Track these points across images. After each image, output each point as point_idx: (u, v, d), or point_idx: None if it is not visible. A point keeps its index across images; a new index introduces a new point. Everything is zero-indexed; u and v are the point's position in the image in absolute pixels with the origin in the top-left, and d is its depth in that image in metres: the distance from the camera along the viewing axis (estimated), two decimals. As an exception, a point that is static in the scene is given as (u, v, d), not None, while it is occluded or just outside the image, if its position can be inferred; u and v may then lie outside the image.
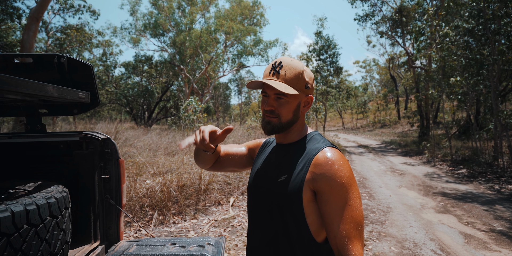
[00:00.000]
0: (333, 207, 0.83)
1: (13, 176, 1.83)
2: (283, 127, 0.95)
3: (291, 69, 0.92)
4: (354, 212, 0.82)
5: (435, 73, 12.03)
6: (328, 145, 0.92)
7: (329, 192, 0.84)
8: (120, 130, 9.10)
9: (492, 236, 3.69)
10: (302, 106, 0.97)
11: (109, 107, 28.42)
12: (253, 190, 1.02)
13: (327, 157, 0.87)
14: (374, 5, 17.84)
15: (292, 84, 0.92)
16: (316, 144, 0.94)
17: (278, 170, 0.95)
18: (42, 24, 17.63)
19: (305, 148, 0.95)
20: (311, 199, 0.87)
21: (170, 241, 1.62)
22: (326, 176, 0.84)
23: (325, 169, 0.85)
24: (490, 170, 7.54)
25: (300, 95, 0.94)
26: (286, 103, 0.93)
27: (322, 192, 0.85)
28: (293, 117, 0.95)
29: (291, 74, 0.92)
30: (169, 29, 23.59)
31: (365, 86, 50.59)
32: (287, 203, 0.89)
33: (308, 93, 0.96)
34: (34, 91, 1.20)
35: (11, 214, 1.11)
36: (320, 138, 0.98)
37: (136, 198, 4.24)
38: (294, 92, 0.89)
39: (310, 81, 0.96)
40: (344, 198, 0.83)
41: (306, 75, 0.94)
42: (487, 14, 7.62)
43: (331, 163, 0.85)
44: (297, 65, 0.93)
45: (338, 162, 0.86)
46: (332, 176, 0.84)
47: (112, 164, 1.82)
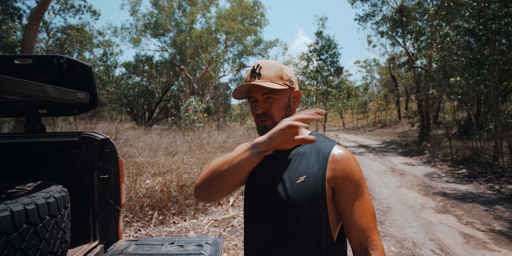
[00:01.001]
0: (354, 201, 0.85)
1: (12, 176, 1.85)
2: None
3: (270, 67, 0.93)
4: (370, 204, 0.86)
5: (435, 73, 12.03)
6: (336, 143, 0.94)
7: (350, 187, 0.85)
8: (120, 130, 9.12)
9: (491, 236, 3.69)
10: (292, 102, 0.97)
11: (109, 107, 28.47)
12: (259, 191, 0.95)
13: (343, 154, 0.89)
14: (374, 5, 17.84)
15: (276, 81, 0.92)
16: (323, 143, 0.94)
17: (292, 171, 0.91)
18: (42, 24, 17.67)
19: (313, 147, 0.93)
20: (331, 197, 0.88)
21: (168, 241, 1.63)
22: (346, 172, 0.86)
23: (344, 165, 0.87)
24: (490, 170, 7.54)
25: (287, 90, 0.95)
26: (276, 101, 0.93)
27: (342, 188, 0.86)
28: (286, 114, 0.94)
29: (273, 71, 0.93)
30: (169, 29, 23.62)
31: (366, 86, 50.55)
32: (309, 204, 0.86)
33: (294, 87, 0.97)
34: (34, 92, 1.21)
35: (11, 214, 1.12)
36: (321, 136, 0.99)
37: (136, 198, 4.25)
38: (281, 87, 0.91)
39: (292, 75, 0.97)
40: (361, 191, 0.86)
41: (286, 70, 0.95)
42: (488, 14, 7.61)
43: (348, 159, 0.88)
44: (275, 63, 0.95)
45: (353, 158, 0.89)
46: (351, 171, 0.86)
47: (111, 164, 1.83)
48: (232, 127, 15.17)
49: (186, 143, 8.42)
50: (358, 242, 0.84)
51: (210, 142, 8.83)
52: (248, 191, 1.00)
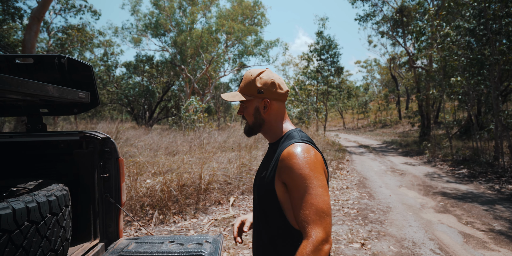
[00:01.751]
0: (295, 195, 0.92)
1: (14, 174, 1.86)
2: (252, 129, 1.10)
3: (244, 80, 1.08)
4: (314, 199, 0.89)
5: (436, 73, 12.02)
6: (298, 141, 0.99)
7: (291, 182, 0.93)
8: (121, 130, 9.14)
9: (491, 236, 3.70)
10: (262, 109, 1.07)
11: (110, 107, 28.49)
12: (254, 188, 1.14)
13: (289, 152, 0.95)
14: (375, 5, 17.83)
15: (243, 92, 1.07)
16: (288, 141, 1.02)
17: (263, 168, 1.08)
18: (43, 24, 17.70)
19: (280, 146, 1.04)
20: (284, 190, 0.97)
21: (168, 239, 1.64)
22: (287, 168, 0.94)
23: (286, 162, 0.95)
24: (491, 170, 7.54)
25: (253, 100, 1.07)
26: (246, 109, 1.09)
27: (286, 182, 0.95)
28: (256, 120, 1.08)
29: (243, 83, 1.08)
30: (170, 29, 23.64)
31: (366, 86, 50.51)
32: (265, 195, 1.02)
33: (264, 97, 1.06)
34: (35, 91, 1.22)
35: (12, 211, 1.13)
36: (296, 134, 1.05)
37: (136, 197, 4.26)
38: (239, 98, 1.06)
39: (265, 86, 1.05)
40: (304, 187, 0.90)
41: (259, 81, 1.05)
42: (488, 14, 7.61)
43: (291, 157, 0.94)
44: (251, 74, 1.07)
45: (298, 155, 0.94)
46: (292, 168, 0.92)
47: (111, 163, 1.84)
48: (232, 127, 15.19)
49: (186, 142, 8.43)
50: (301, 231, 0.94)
51: (210, 142, 8.84)
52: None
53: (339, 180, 7.29)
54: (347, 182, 6.99)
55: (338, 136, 18.36)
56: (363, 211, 4.78)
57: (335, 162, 9.74)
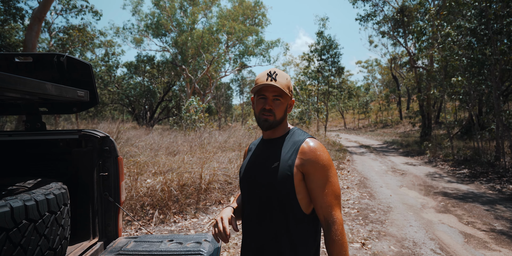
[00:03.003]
0: (318, 184, 1.07)
1: (13, 173, 1.86)
2: (276, 123, 1.17)
3: (283, 77, 1.15)
4: (333, 186, 1.07)
5: (437, 73, 12.00)
6: (309, 136, 1.16)
7: (314, 173, 1.07)
8: (122, 130, 9.14)
9: (492, 236, 3.68)
10: (289, 107, 1.21)
11: (111, 107, 28.52)
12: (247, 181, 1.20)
13: (310, 146, 1.11)
14: (375, 5, 17.81)
15: (285, 88, 1.14)
16: (299, 137, 1.16)
17: (270, 160, 1.15)
18: (44, 25, 17.73)
19: (290, 140, 1.17)
20: (300, 179, 1.09)
21: (167, 238, 1.64)
22: (311, 160, 1.08)
23: (310, 155, 1.08)
24: (492, 170, 7.52)
25: (289, 97, 1.19)
26: (281, 104, 1.16)
27: (309, 173, 1.08)
28: (283, 116, 1.18)
29: (284, 80, 1.15)
30: (171, 29, 23.66)
31: (367, 86, 50.46)
32: (281, 184, 1.09)
33: (292, 97, 1.21)
34: (33, 89, 1.22)
35: (10, 209, 1.13)
36: (301, 131, 1.21)
37: (137, 197, 4.26)
38: (288, 94, 1.15)
39: (292, 89, 1.20)
40: (326, 176, 1.07)
41: (290, 83, 1.18)
42: (489, 13, 7.59)
43: (314, 150, 1.09)
44: (286, 75, 1.18)
45: (319, 149, 1.10)
46: (316, 160, 1.07)
47: (111, 161, 1.83)
48: (233, 127, 15.18)
49: (187, 142, 8.43)
50: (322, 216, 1.07)
51: (211, 142, 8.84)
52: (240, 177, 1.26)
53: (339, 180, 7.28)
54: (348, 182, 6.98)
55: (339, 136, 18.33)
56: (363, 211, 4.76)
57: (336, 162, 9.72)
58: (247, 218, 1.21)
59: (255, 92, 1.18)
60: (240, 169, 1.29)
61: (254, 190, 1.17)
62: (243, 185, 1.23)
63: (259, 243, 1.15)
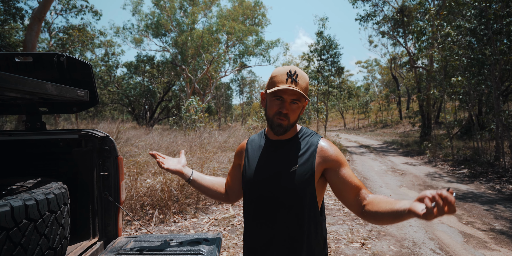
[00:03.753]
0: (348, 173, 1.11)
1: (13, 173, 1.86)
2: (290, 127, 1.13)
3: (304, 78, 1.10)
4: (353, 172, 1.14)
5: (437, 73, 12.01)
6: (321, 137, 1.19)
7: (340, 165, 1.12)
8: (122, 130, 9.14)
9: (491, 236, 3.69)
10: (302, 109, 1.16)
11: (111, 107, 28.52)
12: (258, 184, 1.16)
13: (327, 144, 1.15)
14: (375, 5, 17.82)
15: (304, 91, 1.10)
16: (312, 137, 1.18)
17: (286, 162, 1.14)
18: (44, 25, 17.73)
19: (304, 141, 1.17)
20: (320, 178, 1.13)
21: (167, 237, 1.64)
22: (333, 157, 1.12)
23: (330, 152, 1.13)
24: (492, 170, 7.52)
25: (304, 100, 1.12)
26: (298, 108, 1.12)
27: (334, 167, 1.12)
28: (298, 119, 1.16)
29: (304, 83, 1.10)
30: (171, 29, 23.66)
31: (367, 86, 50.47)
32: (302, 186, 1.10)
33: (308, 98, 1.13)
34: (33, 89, 1.22)
35: (11, 209, 1.13)
36: (310, 131, 1.22)
37: (136, 197, 4.26)
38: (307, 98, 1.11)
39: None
40: (347, 166, 1.13)
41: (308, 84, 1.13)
42: (489, 13, 7.60)
43: (332, 148, 1.14)
44: (306, 76, 1.12)
45: (334, 146, 1.16)
46: (337, 154, 1.13)
47: (110, 161, 1.84)
48: (233, 127, 15.19)
49: (187, 142, 8.43)
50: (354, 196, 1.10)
51: (211, 142, 8.84)
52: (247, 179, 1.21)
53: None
54: (348, 182, 6.98)
55: (338, 136, 18.33)
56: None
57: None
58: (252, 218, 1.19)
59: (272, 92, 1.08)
60: (243, 170, 1.24)
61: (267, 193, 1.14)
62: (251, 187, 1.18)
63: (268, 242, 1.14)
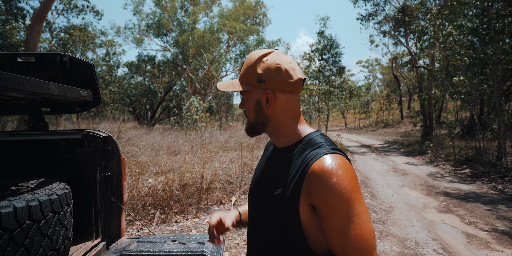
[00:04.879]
0: (332, 225, 0.69)
1: (16, 173, 1.86)
2: (254, 128, 0.86)
3: (245, 64, 0.83)
4: (358, 230, 0.67)
5: (438, 73, 11.97)
6: (329, 152, 0.75)
7: (327, 209, 0.69)
8: (123, 129, 9.15)
9: (494, 236, 3.67)
10: (265, 103, 0.81)
11: (112, 107, 28.56)
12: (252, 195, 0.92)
13: (323, 168, 0.71)
14: (377, 5, 17.78)
15: (243, 80, 0.82)
16: (314, 150, 0.77)
17: (274, 180, 0.82)
18: (46, 24, 17.75)
19: (301, 155, 0.78)
20: (310, 214, 0.73)
21: (170, 238, 1.64)
22: (322, 190, 0.69)
23: (320, 182, 0.70)
24: (494, 170, 7.50)
25: (253, 91, 0.82)
26: (246, 103, 0.84)
27: (319, 208, 0.71)
28: (257, 117, 0.84)
29: (243, 69, 0.83)
30: (172, 29, 23.66)
31: (368, 85, 50.42)
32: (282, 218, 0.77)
33: (265, 87, 0.79)
34: (36, 89, 1.21)
35: (14, 210, 1.12)
36: (320, 140, 0.80)
37: (138, 197, 4.26)
38: (236, 89, 0.82)
39: (267, 73, 0.78)
40: (345, 214, 0.68)
41: (260, 67, 0.79)
42: (491, 13, 7.57)
43: (328, 175, 0.69)
44: (252, 57, 0.81)
45: (337, 173, 0.69)
46: (329, 190, 0.68)
47: (113, 161, 1.83)
48: (234, 127, 15.19)
49: (188, 142, 8.43)
50: None
51: (212, 141, 8.84)
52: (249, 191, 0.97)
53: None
54: (349, 182, 6.96)
55: (340, 136, 18.33)
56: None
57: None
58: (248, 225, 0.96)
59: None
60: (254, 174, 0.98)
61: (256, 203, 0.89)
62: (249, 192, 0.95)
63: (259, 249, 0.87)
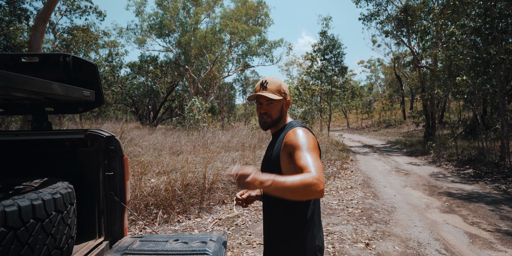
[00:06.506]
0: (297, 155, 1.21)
1: (20, 172, 1.87)
2: (274, 123, 1.44)
3: (273, 84, 1.41)
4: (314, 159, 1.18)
5: (441, 73, 11.93)
6: (299, 125, 1.36)
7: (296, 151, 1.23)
8: (125, 130, 9.18)
9: (497, 236, 3.66)
10: (285, 107, 1.44)
11: (114, 107, 28.66)
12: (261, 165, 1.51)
13: (293, 131, 1.31)
14: (379, 5, 17.73)
15: (275, 93, 1.40)
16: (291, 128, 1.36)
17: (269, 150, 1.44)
18: (49, 25, 17.84)
19: (283, 132, 1.39)
20: (287, 161, 1.30)
21: (173, 237, 1.64)
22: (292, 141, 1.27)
23: (291, 138, 1.29)
24: (497, 170, 7.46)
25: (281, 99, 1.41)
26: (275, 106, 1.41)
27: (292, 152, 1.24)
28: (280, 115, 1.43)
29: (273, 87, 1.40)
30: (174, 29, 23.72)
31: (370, 86, 50.28)
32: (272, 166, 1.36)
33: (286, 97, 1.43)
34: (40, 89, 1.22)
35: (18, 209, 1.14)
36: (295, 123, 1.40)
37: (141, 196, 4.28)
38: (278, 97, 1.38)
39: (286, 90, 1.44)
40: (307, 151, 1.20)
41: (283, 86, 1.42)
42: (494, 12, 7.53)
43: (295, 134, 1.29)
44: (276, 81, 1.43)
45: (299, 133, 1.29)
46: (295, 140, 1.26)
47: (116, 161, 1.84)
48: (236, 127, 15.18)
49: (190, 142, 8.45)
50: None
51: (214, 141, 8.85)
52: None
53: (343, 180, 7.26)
54: (352, 182, 6.96)
55: (342, 136, 18.27)
56: (367, 211, 4.75)
57: (339, 162, 9.69)
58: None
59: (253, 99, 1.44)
60: None
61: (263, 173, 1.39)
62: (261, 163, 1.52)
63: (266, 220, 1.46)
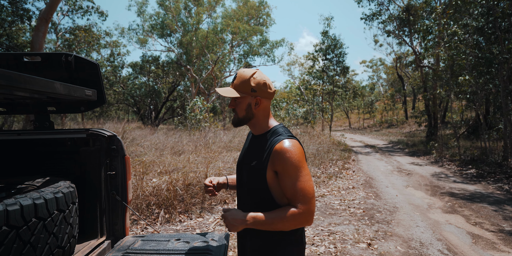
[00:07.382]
0: (286, 182, 1.13)
1: (22, 171, 1.87)
2: (241, 121, 1.25)
3: (239, 78, 1.22)
4: (303, 185, 1.12)
5: (443, 72, 11.89)
6: (286, 137, 1.18)
7: (284, 172, 1.13)
8: (127, 129, 9.19)
9: (500, 237, 3.64)
10: (254, 105, 1.23)
11: (116, 107, 28.71)
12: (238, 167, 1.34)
13: (282, 147, 1.14)
14: (381, 4, 17.69)
15: (238, 89, 1.21)
16: (277, 137, 1.19)
17: (251, 156, 1.25)
18: (51, 25, 17.90)
19: (268, 140, 1.21)
20: (273, 177, 1.18)
21: (174, 237, 1.64)
22: (281, 161, 1.13)
23: (280, 156, 1.13)
24: (500, 170, 7.43)
25: (246, 97, 1.22)
26: (239, 103, 1.23)
27: (279, 172, 1.15)
28: (247, 114, 1.24)
29: (238, 81, 1.22)
30: (175, 29, 23.74)
31: (372, 85, 50.17)
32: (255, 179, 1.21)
33: (256, 95, 1.21)
34: (42, 88, 1.22)
35: (20, 208, 1.14)
36: (282, 130, 1.23)
37: (142, 196, 4.28)
38: (234, 95, 1.20)
39: (258, 85, 1.21)
40: (294, 175, 1.12)
41: (253, 81, 1.20)
42: (497, 12, 7.50)
43: (284, 152, 1.13)
44: (247, 74, 1.22)
45: (290, 150, 1.13)
46: (285, 161, 1.12)
47: (118, 160, 1.84)
48: (237, 127, 15.19)
49: (192, 142, 8.45)
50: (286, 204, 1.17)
51: (216, 141, 8.85)
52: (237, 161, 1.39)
53: (345, 180, 7.24)
54: (353, 182, 6.94)
55: (344, 136, 18.26)
56: (369, 211, 4.74)
57: (341, 162, 9.68)
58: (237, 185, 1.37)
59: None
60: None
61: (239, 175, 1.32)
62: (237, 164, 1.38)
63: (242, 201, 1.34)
